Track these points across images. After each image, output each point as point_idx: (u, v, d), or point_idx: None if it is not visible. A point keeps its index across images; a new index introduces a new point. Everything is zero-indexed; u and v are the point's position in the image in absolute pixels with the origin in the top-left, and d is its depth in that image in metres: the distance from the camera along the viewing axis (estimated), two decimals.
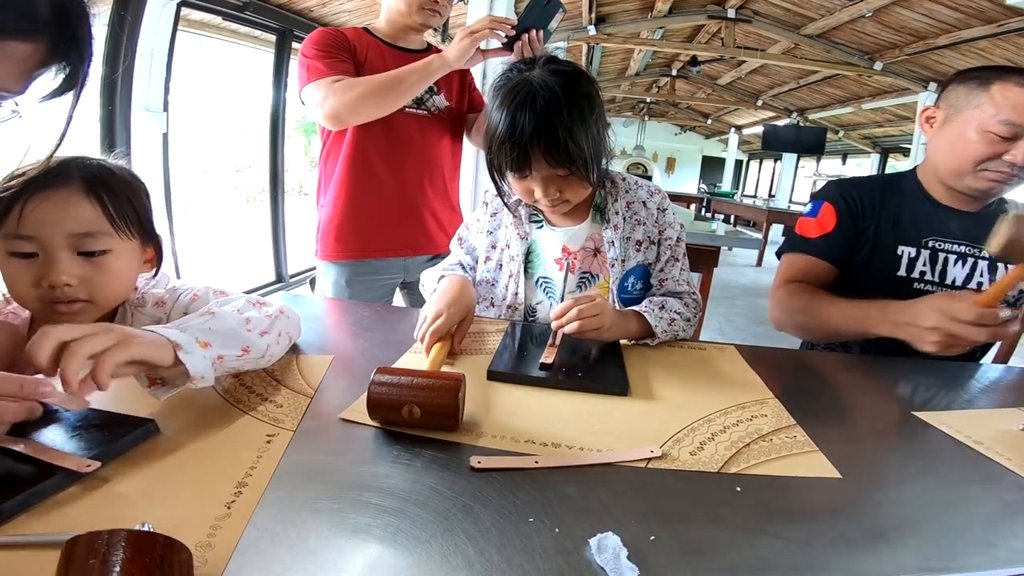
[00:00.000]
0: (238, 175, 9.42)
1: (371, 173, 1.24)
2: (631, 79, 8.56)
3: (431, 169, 1.31)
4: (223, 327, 0.56)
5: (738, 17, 5.14)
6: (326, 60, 1.13)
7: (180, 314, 0.67)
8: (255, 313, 0.63)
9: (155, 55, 2.34)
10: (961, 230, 0.99)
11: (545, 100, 0.74)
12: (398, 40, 1.27)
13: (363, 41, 1.21)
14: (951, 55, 4.53)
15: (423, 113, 1.26)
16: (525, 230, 0.92)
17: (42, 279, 0.57)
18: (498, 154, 0.79)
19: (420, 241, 1.34)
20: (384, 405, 0.53)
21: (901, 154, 7.79)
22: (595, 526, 0.40)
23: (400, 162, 1.26)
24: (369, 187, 1.25)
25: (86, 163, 0.63)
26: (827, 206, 1.04)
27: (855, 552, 0.40)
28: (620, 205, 0.91)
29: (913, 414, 0.65)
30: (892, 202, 1.03)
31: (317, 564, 0.35)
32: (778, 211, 7.11)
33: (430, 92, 1.26)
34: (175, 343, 0.50)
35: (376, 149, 1.23)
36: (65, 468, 0.41)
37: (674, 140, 13.39)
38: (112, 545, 0.29)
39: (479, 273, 0.97)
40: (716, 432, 0.57)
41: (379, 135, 1.21)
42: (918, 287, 0.99)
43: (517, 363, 0.71)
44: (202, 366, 0.51)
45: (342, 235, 1.27)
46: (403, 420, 0.53)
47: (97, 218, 0.60)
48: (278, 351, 0.65)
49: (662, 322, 0.82)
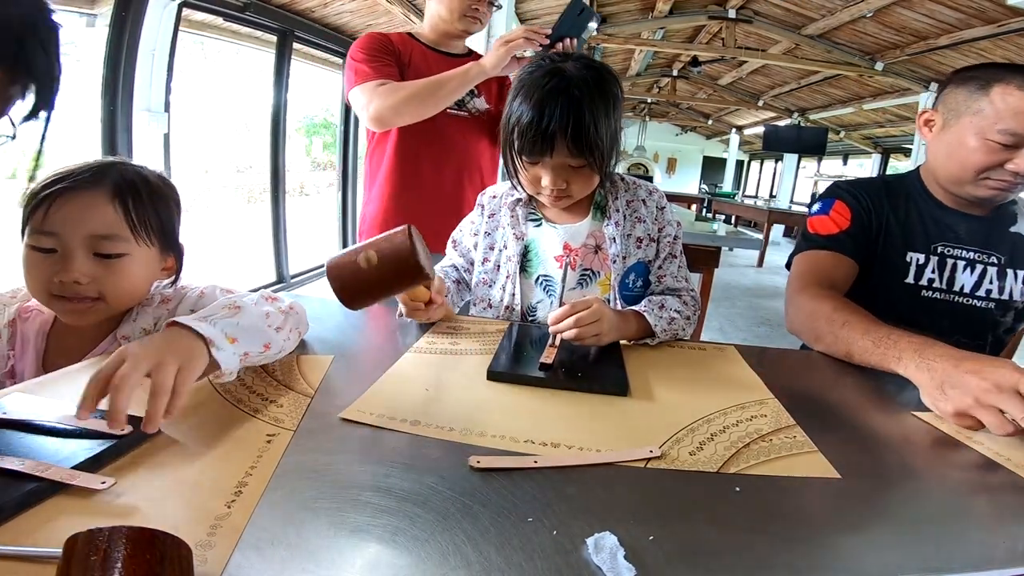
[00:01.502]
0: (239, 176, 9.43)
1: (415, 171, 1.30)
2: (632, 79, 8.56)
3: (470, 169, 1.37)
4: (249, 323, 0.57)
5: (739, 17, 5.14)
6: (372, 64, 1.19)
7: (187, 311, 0.68)
8: (271, 308, 0.64)
9: (156, 56, 2.35)
10: (970, 235, 0.95)
11: (579, 90, 0.76)
12: (441, 45, 1.34)
13: (408, 46, 1.29)
14: (952, 55, 4.53)
15: (464, 115, 1.32)
16: (522, 230, 0.93)
17: (56, 274, 0.60)
18: (520, 136, 0.80)
19: None
20: (341, 265, 0.55)
21: (902, 154, 7.78)
22: (594, 526, 0.40)
23: (442, 161, 1.32)
24: (413, 184, 1.31)
25: (123, 168, 0.65)
26: (839, 203, 0.99)
27: (855, 552, 0.40)
28: (620, 203, 0.92)
29: (913, 414, 0.65)
30: (899, 205, 0.98)
31: (317, 564, 0.35)
32: (779, 211, 7.12)
33: (471, 95, 1.32)
34: (208, 339, 0.51)
35: (420, 148, 1.29)
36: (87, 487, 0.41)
37: (675, 140, 13.39)
38: (113, 542, 0.29)
39: (476, 275, 0.97)
40: (716, 432, 0.57)
41: (422, 135, 1.27)
42: (926, 295, 0.96)
43: (517, 363, 0.71)
44: (231, 362, 0.53)
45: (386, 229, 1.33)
46: (365, 277, 0.54)
47: (117, 222, 0.62)
48: (289, 346, 0.66)
49: (662, 321, 0.82)
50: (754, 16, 5.17)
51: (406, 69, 1.25)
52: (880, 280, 0.97)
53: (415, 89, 1.16)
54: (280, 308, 0.65)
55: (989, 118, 0.84)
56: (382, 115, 1.16)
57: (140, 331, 0.69)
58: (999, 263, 0.95)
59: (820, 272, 0.95)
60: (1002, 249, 0.96)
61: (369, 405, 0.57)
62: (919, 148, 5.56)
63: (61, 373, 0.59)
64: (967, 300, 0.96)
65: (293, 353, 0.70)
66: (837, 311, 0.83)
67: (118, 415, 0.43)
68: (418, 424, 0.54)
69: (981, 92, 0.86)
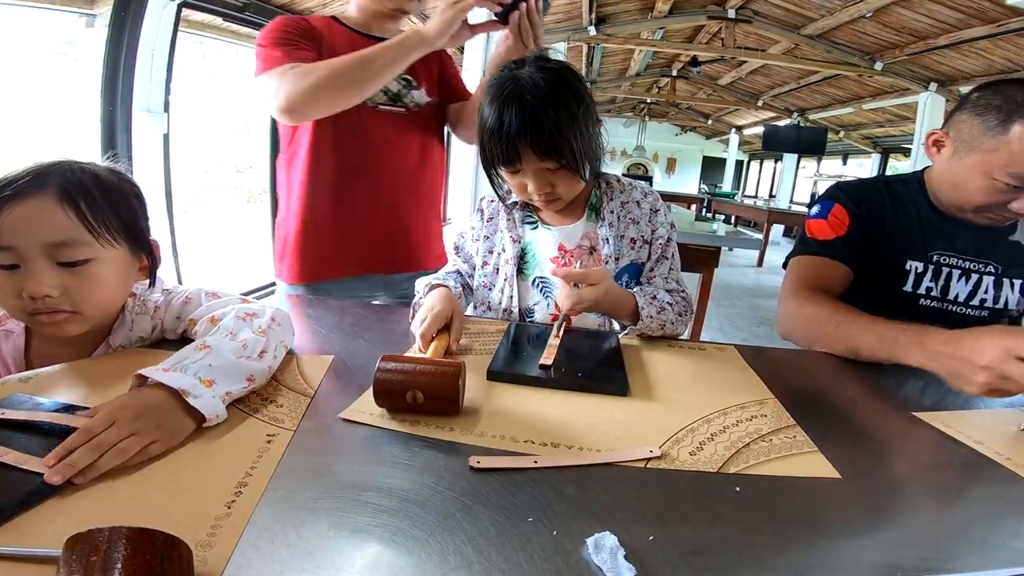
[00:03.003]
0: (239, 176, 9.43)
1: (339, 181, 1.08)
2: (632, 79, 8.56)
3: (412, 175, 1.15)
4: (222, 361, 0.54)
5: (738, 17, 5.14)
6: (284, 48, 0.96)
7: (173, 318, 0.67)
8: (248, 333, 0.60)
9: (156, 56, 2.34)
10: (966, 244, 0.94)
11: (531, 95, 0.76)
12: (372, 29, 1.10)
13: (331, 30, 1.05)
14: (951, 55, 4.53)
15: (400, 111, 1.10)
16: (518, 233, 0.93)
17: (23, 290, 0.56)
18: (489, 148, 0.81)
19: (399, 257, 1.17)
20: (389, 391, 0.55)
21: (902, 154, 7.78)
22: (594, 526, 0.40)
23: (374, 168, 1.10)
24: (337, 197, 1.09)
25: (66, 168, 0.60)
26: (838, 207, 0.98)
27: (854, 552, 0.40)
28: (615, 204, 0.92)
29: (913, 414, 0.65)
30: (899, 210, 0.97)
31: (317, 564, 0.35)
32: (779, 211, 7.12)
33: (408, 87, 1.11)
34: (181, 391, 0.48)
35: (344, 153, 1.07)
36: None
37: (675, 141, 13.38)
38: (113, 542, 0.29)
39: (476, 279, 0.97)
40: (716, 432, 0.57)
41: (349, 138, 1.06)
42: (924, 303, 0.95)
43: (517, 363, 0.71)
44: (212, 405, 0.50)
45: (305, 254, 1.11)
46: (407, 406, 0.55)
47: (73, 226, 0.57)
48: (277, 363, 0.62)
49: (650, 307, 0.82)
50: (754, 16, 5.17)
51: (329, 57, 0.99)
52: (878, 287, 0.96)
53: (336, 67, 0.91)
54: (259, 327, 0.62)
55: (1001, 159, 0.81)
56: (292, 102, 0.91)
57: (137, 339, 0.67)
58: (996, 272, 0.94)
59: (813, 278, 0.95)
60: (999, 258, 0.95)
61: (369, 405, 0.57)
62: (918, 149, 5.56)
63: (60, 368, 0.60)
64: (960, 309, 0.95)
65: (292, 354, 0.70)
66: (836, 312, 0.85)
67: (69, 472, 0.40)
68: (418, 424, 0.54)
69: (999, 129, 0.81)
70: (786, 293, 0.96)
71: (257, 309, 0.66)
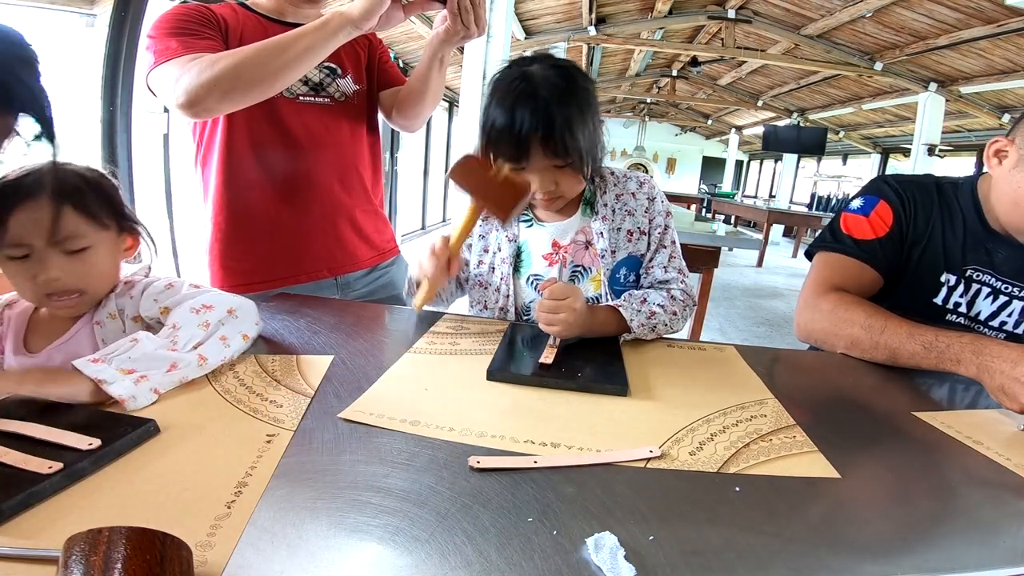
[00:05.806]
0: None
1: (260, 182, 0.98)
2: (631, 80, 8.57)
3: (344, 169, 1.05)
4: (140, 353, 0.58)
5: (738, 18, 5.15)
6: (181, 38, 0.84)
7: (150, 301, 0.71)
8: (185, 332, 0.64)
9: None
10: (1005, 264, 0.87)
11: (546, 92, 0.76)
12: (285, 15, 0.99)
13: (238, 17, 0.94)
14: (951, 55, 4.54)
15: (325, 102, 1.00)
16: (514, 232, 0.93)
17: (37, 275, 0.65)
18: (496, 146, 0.80)
19: (338, 258, 1.07)
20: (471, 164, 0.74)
21: (902, 154, 7.79)
22: (594, 526, 0.40)
23: (300, 165, 1.00)
24: (260, 199, 0.99)
25: (58, 170, 0.67)
26: (883, 205, 0.90)
27: (854, 552, 0.40)
28: (609, 197, 0.92)
29: (913, 414, 0.65)
30: (946, 218, 0.89)
31: (317, 564, 0.35)
32: (778, 212, 7.13)
33: (332, 75, 1.01)
34: (97, 380, 0.54)
35: (263, 152, 0.97)
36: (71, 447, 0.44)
37: (675, 141, 13.40)
38: (113, 542, 0.29)
39: (471, 277, 0.97)
40: (715, 432, 0.57)
41: (266, 133, 0.96)
42: (950, 318, 0.90)
43: (517, 363, 0.71)
44: (128, 389, 0.54)
45: (227, 262, 1.01)
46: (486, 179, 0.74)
47: (72, 222, 0.66)
48: (229, 352, 0.65)
49: (639, 316, 0.81)
50: (753, 16, 5.17)
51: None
52: (907, 295, 0.90)
53: (246, 55, 0.80)
54: (204, 321, 0.66)
55: None
56: (197, 94, 0.79)
57: (107, 316, 0.72)
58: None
59: (842, 280, 0.89)
60: None
61: (369, 405, 0.57)
62: (918, 148, 5.55)
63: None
64: (979, 328, 0.90)
65: (292, 354, 0.70)
66: (873, 317, 0.80)
67: None
68: (418, 424, 0.54)
69: None
70: (812, 292, 0.89)
71: (216, 301, 0.69)
